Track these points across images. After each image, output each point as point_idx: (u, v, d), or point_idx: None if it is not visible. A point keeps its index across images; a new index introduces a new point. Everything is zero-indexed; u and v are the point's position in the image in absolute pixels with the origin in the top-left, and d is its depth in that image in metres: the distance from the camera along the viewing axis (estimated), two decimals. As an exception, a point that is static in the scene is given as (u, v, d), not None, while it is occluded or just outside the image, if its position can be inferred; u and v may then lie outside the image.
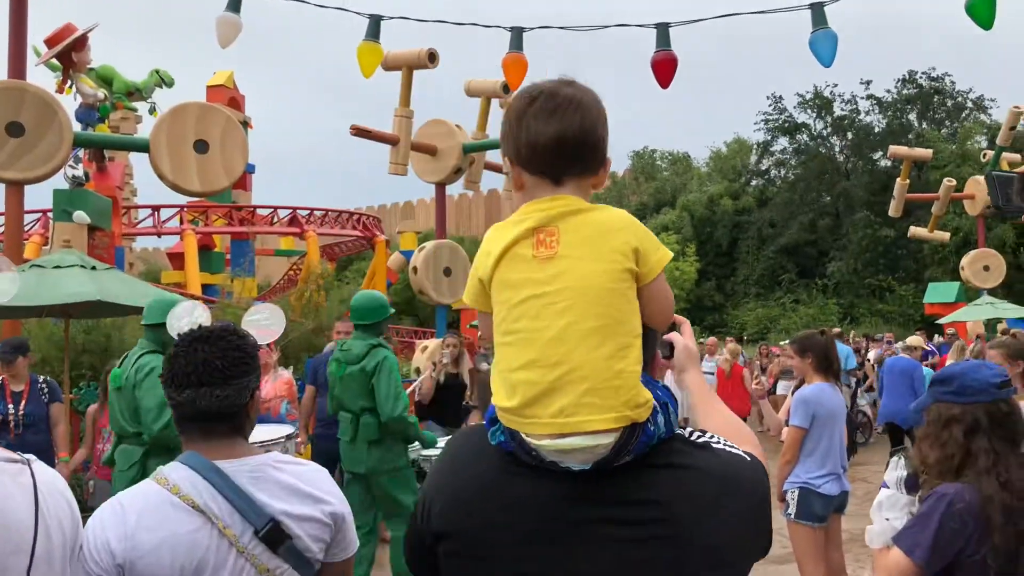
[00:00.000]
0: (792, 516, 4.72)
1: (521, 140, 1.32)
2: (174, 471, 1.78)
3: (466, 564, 1.33)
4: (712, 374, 11.33)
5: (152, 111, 21.98)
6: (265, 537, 1.74)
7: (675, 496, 1.27)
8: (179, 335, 1.91)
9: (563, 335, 1.23)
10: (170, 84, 22.11)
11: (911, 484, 2.43)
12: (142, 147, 8.71)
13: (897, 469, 2.49)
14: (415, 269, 11.81)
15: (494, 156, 12.69)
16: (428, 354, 10.16)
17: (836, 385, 4.86)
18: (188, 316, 4.38)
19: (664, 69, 7.41)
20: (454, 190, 13.77)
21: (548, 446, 1.24)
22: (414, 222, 34.68)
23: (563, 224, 1.28)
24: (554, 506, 1.29)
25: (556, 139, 1.29)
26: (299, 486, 1.83)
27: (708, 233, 37.51)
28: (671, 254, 1.38)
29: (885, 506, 2.46)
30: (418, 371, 11.94)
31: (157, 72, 22.00)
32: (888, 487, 2.48)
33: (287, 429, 5.54)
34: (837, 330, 15.84)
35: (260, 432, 5.01)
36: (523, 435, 1.26)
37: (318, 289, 13.87)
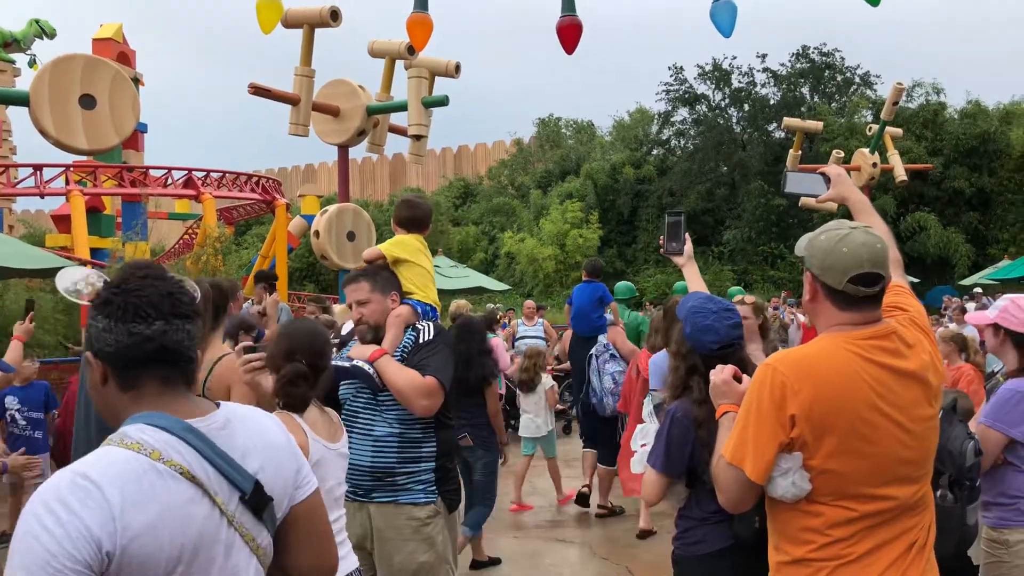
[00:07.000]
0: None
1: None
2: (143, 433, 1.44)
3: None
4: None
5: (32, 64, 20.72)
6: (251, 502, 1.51)
7: None
8: (108, 280, 1.53)
9: None
10: (52, 35, 20.91)
11: (658, 412, 2.86)
12: (22, 100, 8.22)
13: (649, 405, 3.01)
14: (317, 233, 11.61)
15: (398, 119, 12.49)
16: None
17: None
18: (82, 280, 4.22)
19: (569, 35, 7.44)
20: (357, 153, 13.54)
21: None
22: (316, 186, 33.91)
23: None
24: None
25: None
26: (266, 435, 1.63)
27: (611, 201, 38.08)
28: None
29: (639, 437, 2.95)
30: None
31: (37, 22, 20.77)
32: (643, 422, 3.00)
33: None
34: (751, 298, 16.04)
35: None
36: None
37: (215, 253, 13.45)
